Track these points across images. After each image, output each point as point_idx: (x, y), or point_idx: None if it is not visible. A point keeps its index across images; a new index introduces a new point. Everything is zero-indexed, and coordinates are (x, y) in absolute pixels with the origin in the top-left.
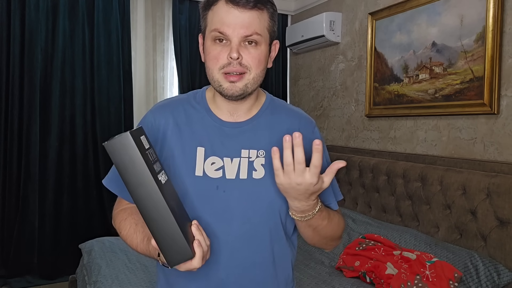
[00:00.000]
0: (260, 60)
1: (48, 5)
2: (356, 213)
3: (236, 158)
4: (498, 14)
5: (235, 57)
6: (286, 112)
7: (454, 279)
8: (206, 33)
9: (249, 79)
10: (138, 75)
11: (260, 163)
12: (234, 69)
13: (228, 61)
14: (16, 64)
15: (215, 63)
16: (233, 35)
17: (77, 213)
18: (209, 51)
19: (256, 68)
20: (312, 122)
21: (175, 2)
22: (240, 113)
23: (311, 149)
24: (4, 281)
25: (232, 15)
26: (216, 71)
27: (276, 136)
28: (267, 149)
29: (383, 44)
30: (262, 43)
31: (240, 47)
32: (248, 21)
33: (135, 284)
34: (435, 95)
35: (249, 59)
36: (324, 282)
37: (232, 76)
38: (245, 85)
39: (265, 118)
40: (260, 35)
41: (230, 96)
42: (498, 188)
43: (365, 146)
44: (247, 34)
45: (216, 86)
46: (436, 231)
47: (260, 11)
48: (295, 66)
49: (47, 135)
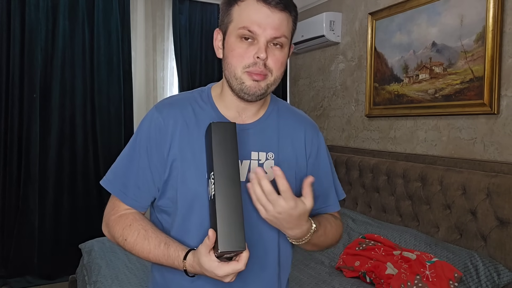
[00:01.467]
0: (283, 63)
1: (48, 5)
2: (356, 213)
3: (246, 160)
4: (498, 14)
5: (264, 57)
6: (292, 116)
7: (454, 279)
8: (230, 28)
9: (270, 80)
10: (138, 75)
11: (270, 166)
12: (260, 69)
13: (254, 61)
14: (16, 64)
15: (240, 61)
16: (262, 35)
17: (77, 213)
18: (234, 47)
19: (277, 71)
20: (316, 127)
21: (175, 2)
22: (248, 114)
23: (316, 152)
24: (4, 281)
25: (263, 14)
26: (240, 69)
27: (284, 138)
28: (276, 151)
29: (383, 44)
30: (286, 46)
31: (267, 48)
32: (278, 23)
33: (135, 284)
34: (435, 95)
35: (272, 61)
36: (324, 282)
37: (256, 75)
38: (266, 85)
39: (272, 121)
40: (287, 38)
41: (252, 95)
42: (498, 188)
43: (365, 146)
44: (276, 36)
45: (236, 84)
46: (436, 231)
47: (288, 14)
48: (295, 66)
49: (47, 135)
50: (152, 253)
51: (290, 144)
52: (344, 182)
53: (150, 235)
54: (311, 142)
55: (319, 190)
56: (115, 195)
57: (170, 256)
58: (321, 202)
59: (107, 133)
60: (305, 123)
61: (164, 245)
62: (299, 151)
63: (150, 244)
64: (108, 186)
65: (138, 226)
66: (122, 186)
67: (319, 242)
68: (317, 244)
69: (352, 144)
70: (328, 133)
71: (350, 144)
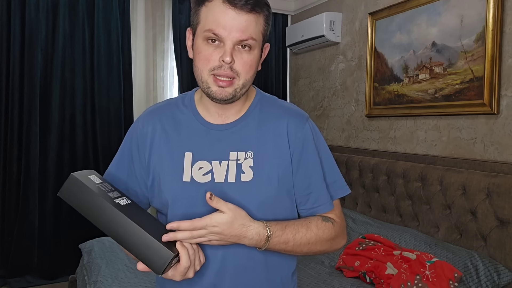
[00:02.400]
0: (252, 65)
1: (48, 5)
2: (356, 213)
3: (224, 161)
4: (498, 14)
5: (228, 61)
6: (275, 109)
7: (454, 279)
8: (197, 30)
9: (238, 84)
10: (138, 75)
11: (249, 165)
12: (225, 73)
13: (220, 64)
14: (16, 64)
15: (206, 64)
16: (228, 38)
17: (77, 213)
18: (200, 50)
19: (246, 74)
20: (303, 117)
21: (175, 2)
22: (228, 114)
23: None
24: (4, 281)
25: (228, 16)
26: (206, 72)
27: (264, 135)
28: (255, 149)
29: (383, 44)
30: (255, 48)
31: (233, 50)
32: (245, 25)
33: (135, 284)
34: (435, 95)
35: (240, 65)
36: (324, 282)
37: (222, 81)
38: (234, 90)
39: (253, 118)
40: (255, 40)
41: (219, 99)
42: (498, 188)
43: (365, 146)
44: (242, 39)
45: (204, 88)
46: (436, 231)
47: (257, 14)
48: (295, 66)
49: (47, 135)
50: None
51: (271, 141)
52: None
53: None
54: (294, 136)
55: (307, 190)
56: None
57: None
58: (311, 203)
59: (107, 133)
60: (288, 115)
61: None
62: (282, 147)
63: None
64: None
65: None
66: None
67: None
68: (288, 250)
69: (352, 144)
70: (328, 133)
71: (350, 144)
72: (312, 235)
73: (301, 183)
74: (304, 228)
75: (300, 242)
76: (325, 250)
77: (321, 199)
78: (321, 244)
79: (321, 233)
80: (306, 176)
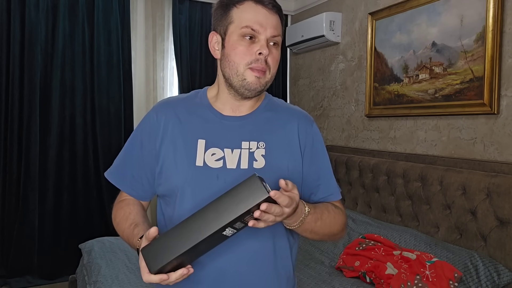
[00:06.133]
0: (278, 61)
1: (48, 5)
2: (356, 213)
3: (236, 149)
4: (498, 14)
5: (266, 53)
6: (285, 110)
7: (454, 279)
8: (231, 29)
9: (267, 77)
10: (138, 75)
11: (261, 154)
12: (261, 66)
13: (256, 57)
14: (16, 64)
15: (243, 58)
16: (264, 33)
17: (77, 213)
18: (236, 46)
19: (274, 68)
20: (310, 119)
21: (175, 2)
22: (242, 109)
23: (312, 142)
24: (4, 281)
25: (263, 15)
26: (243, 65)
27: (275, 130)
28: (267, 141)
29: (383, 44)
30: (280, 46)
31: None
32: (275, 23)
33: (135, 284)
34: (435, 95)
35: (271, 58)
36: (324, 282)
37: (258, 71)
38: (265, 81)
39: (265, 114)
40: (281, 38)
41: (252, 90)
42: (498, 188)
43: (365, 146)
44: (275, 34)
45: (238, 81)
46: (436, 231)
47: (280, 17)
48: (295, 66)
49: (47, 135)
50: (125, 232)
51: (283, 135)
52: (344, 182)
53: (129, 217)
54: (305, 133)
55: (318, 181)
56: (114, 184)
57: (133, 235)
58: (323, 192)
59: (107, 133)
60: (298, 115)
61: (134, 226)
62: (293, 144)
63: (125, 224)
64: (109, 176)
65: (127, 209)
66: (120, 176)
67: (316, 227)
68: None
69: (352, 144)
70: (328, 133)
71: (350, 144)
72: (332, 218)
73: (313, 174)
74: (326, 210)
75: (325, 222)
76: (337, 235)
77: (331, 188)
78: (336, 227)
79: (337, 217)
80: (318, 167)
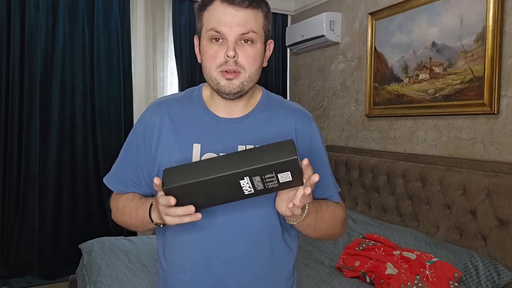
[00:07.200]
0: (255, 58)
1: (48, 5)
2: (356, 213)
3: None
4: (498, 14)
5: (232, 55)
6: (282, 108)
7: (454, 279)
8: (202, 33)
9: (244, 77)
10: (138, 75)
11: None
12: (231, 67)
13: (225, 60)
14: (16, 64)
15: (213, 62)
16: (230, 34)
17: (77, 213)
18: (206, 50)
19: (251, 67)
20: (309, 117)
21: (175, 2)
22: (236, 110)
23: (310, 142)
24: (4, 281)
25: (228, 14)
26: (214, 69)
27: (272, 131)
28: (264, 143)
29: (383, 44)
30: (257, 41)
31: (236, 45)
32: (244, 19)
33: (135, 284)
34: (435, 95)
35: (244, 58)
36: (324, 282)
37: (229, 73)
38: (241, 83)
39: (261, 114)
40: (256, 33)
41: (228, 93)
42: (498, 188)
43: (365, 146)
44: (243, 32)
45: (213, 85)
46: (436, 231)
47: (255, 9)
48: (295, 66)
49: (47, 135)
50: (134, 209)
51: (279, 135)
52: (344, 182)
53: (134, 197)
54: (302, 133)
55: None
56: (116, 192)
57: (145, 207)
58: (320, 193)
59: (107, 133)
60: (296, 114)
61: (144, 200)
62: None
63: (133, 202)
64: (109, 183)
65: (129, 195)
66: (121, 183)
67: (317, 220)
68: (316, 225)
69: (352, 144)
70: (328, 133)
71: (350, 144)
72: (331, 211)
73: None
74: (324, 203)
75: (324, 215)
76: (337, 231)
77: (329, 190)
78: (336, 222)
79: (337, 212)
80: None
